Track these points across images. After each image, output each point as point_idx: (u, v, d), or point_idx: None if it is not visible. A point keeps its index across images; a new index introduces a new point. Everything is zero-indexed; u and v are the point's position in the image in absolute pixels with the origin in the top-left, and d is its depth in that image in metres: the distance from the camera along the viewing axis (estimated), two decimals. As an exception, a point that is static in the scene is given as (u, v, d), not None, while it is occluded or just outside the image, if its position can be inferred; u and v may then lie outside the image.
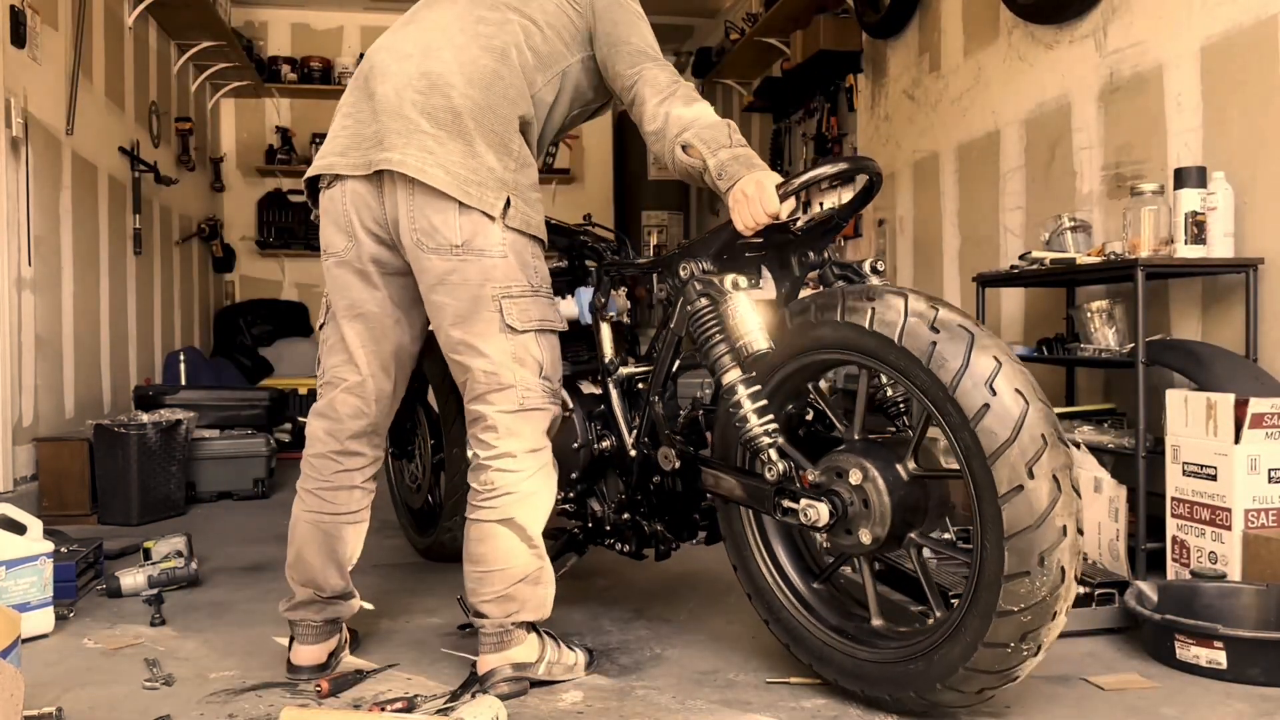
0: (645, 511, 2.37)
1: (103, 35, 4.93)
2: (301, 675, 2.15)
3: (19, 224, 3.85)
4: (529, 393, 2.03)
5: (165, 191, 5.92)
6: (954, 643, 1.75)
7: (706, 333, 2.07)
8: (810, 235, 2.16)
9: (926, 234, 4.75)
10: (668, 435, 2.29)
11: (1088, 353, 3.15)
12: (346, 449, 2.15)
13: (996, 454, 1.67)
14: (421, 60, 2.04)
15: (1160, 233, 2.92)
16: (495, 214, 1.98)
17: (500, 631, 2.04)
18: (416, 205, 1.98)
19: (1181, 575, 2.58)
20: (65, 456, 3.97)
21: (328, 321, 2.17)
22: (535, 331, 2.04)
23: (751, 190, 1.94)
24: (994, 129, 4.14)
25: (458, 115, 1.99)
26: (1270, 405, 2.46)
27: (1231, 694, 1.99)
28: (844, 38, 5.37)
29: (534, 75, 2.09)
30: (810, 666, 2.04)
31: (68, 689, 2.08)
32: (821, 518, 1.90)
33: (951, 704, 1.82)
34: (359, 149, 2.03)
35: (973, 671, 1.74)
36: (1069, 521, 1.67)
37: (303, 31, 7.65)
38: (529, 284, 2.04)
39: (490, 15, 2.10)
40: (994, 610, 1.68)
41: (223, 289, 7.47)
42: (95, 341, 4.77)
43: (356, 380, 2.13)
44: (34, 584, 2.41)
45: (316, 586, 2.15)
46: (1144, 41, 3.28)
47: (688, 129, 2.00)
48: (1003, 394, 1.68)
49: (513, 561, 2.02)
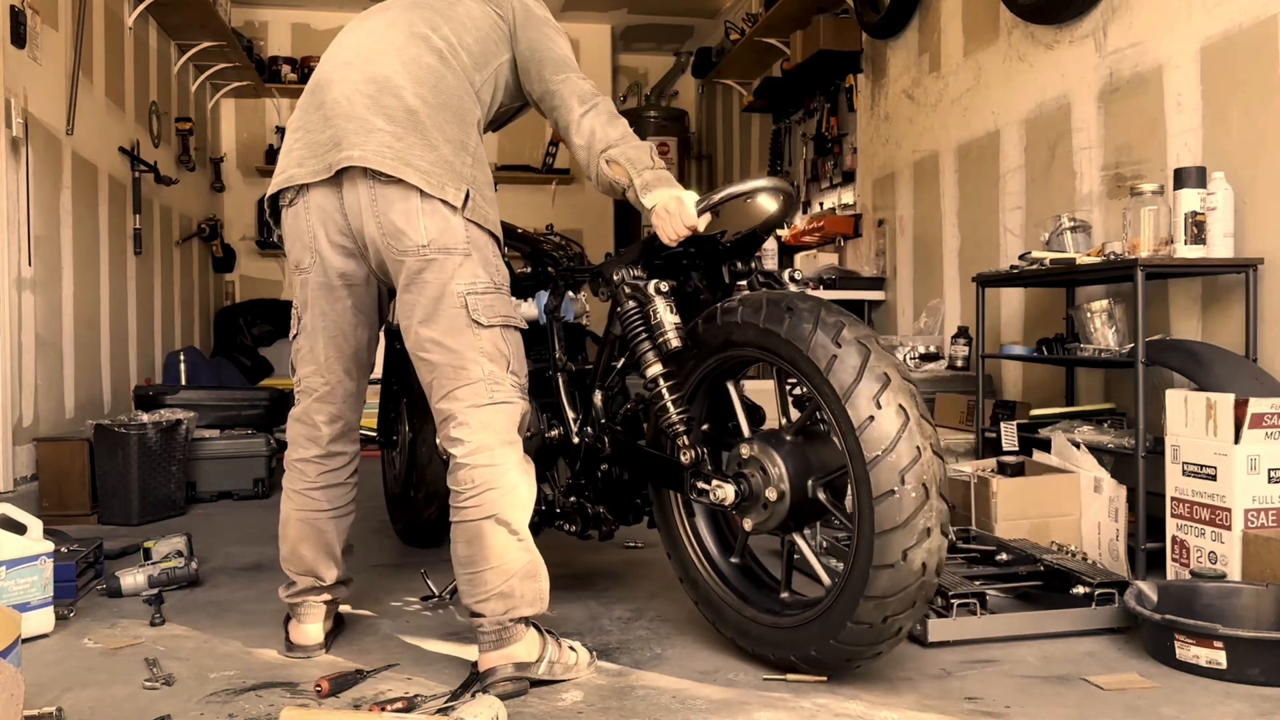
0: (590, 495, 2.57)
1: (103, 35, 4.93)
2: (300, 654, 2.26)
3: (19, 224, 3.85)
4: (497, 386, 2.06)
5: (165, 191, 5.92)
6: (831, 616, 1.98)
7: (633, 331, 2.28)
8: (739, 246, 2.35)
9: (926, 234, 4.75)
10: (603, 425, 2.49)
11: (1088, 353, 3.15)
12: (328, 452, 2.28)
13: (875, 460, 1.87)
14: (363, 66, 2.11)
15: (1160, 233, 2.92)
16: (457, 204, 2.03)
17: (499, 629, 2.04)
18: (380, 207, 2.04)
19: (1181, 575, 2.58)
20: (65, 456, 3.97)
21: (299, 333, 2.26)
22: (500, 327, 2.09)
23: (674, 207, 2.11)
24: (994, 129, 4.14)
25: (413, 113, 2.06)
26: (1270, 405, 2.46)
27: (1231, 694, 1.99)
28: (844, 38, 5.38)
29: (473, 74, 2.19)
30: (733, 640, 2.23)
31: (68, 689, 2.08)
32: (728, 497, 2.11)
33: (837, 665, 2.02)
34: (315, 156, 2.08)
35: (842, 644, 1.96)
36: (933, 525, 1.88)
37: (303, 31, 7.65)
38: (492, 281, 2.10)
39: (424, 19, 2.19)
40: (861, 594, 1.90)
41: (223, 289, 7.48)
42: (95, 341, 4.77)
43: (326, 390, 2.25)
44: (34, 584, 2.41)
45: (316, 576, 2.30)
46: (1144, 41, 3.28)
47: (614, 146, 2.15)
48: (887, 408, 1.88)
49: (504, 558, 2.04)
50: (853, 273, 5.31)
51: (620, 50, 8.54)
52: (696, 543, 2.35)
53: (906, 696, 2.00)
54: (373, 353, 2.32)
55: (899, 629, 1.94)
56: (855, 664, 2.02)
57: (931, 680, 2.09)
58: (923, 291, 4.79)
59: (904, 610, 1.91)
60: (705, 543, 2.35)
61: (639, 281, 2.30)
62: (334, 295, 2.18)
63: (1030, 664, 2.18)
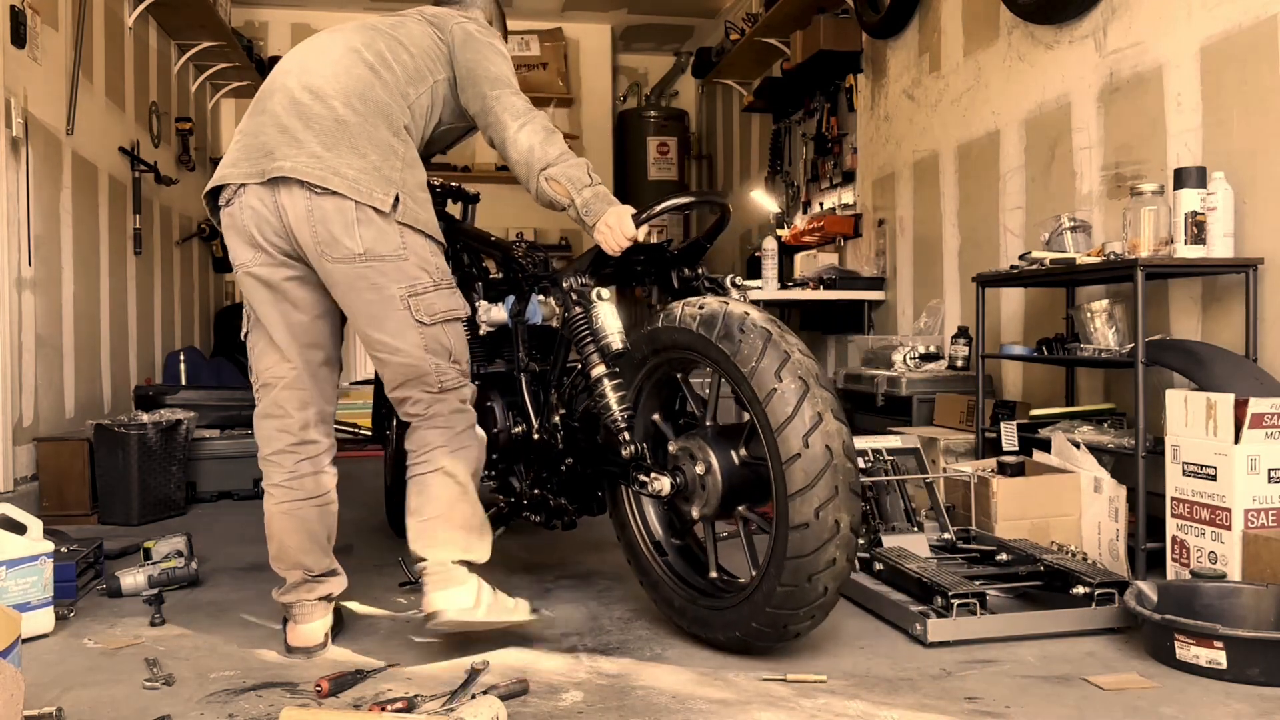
0: (552, 488, 2.73)
1: (103, 35, 4.93)
2: (300, 656, 2.28)
3: (19, 224, 3.85)
4: (445, 376, 2.27)
5: (165, 191, 5.93)
6: (763, 587, 2.11)
7: (579, 334, 2.46)
8: (685, 254, 2.61)
9: (926, 234, 4.75)
10: (557, 422, 2.68)
11: (1088, 353, 3.15)
12: (302, 439, 2.31)
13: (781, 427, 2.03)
14: (301, 75, 2.27)
15: (1160, 233, 2.92)
16: (386, 209, 2.16)
17: (442, 573, 2.22)
18: (315, 216, 2.15)
19: (1181, 575, 2.58)
20: (65, 456, 3.97)
21: (252, 329, 2.34)
22: (442, 322, 2.26)
23: (613, 222, 2.27)
24: (994, 129, 4.14)
25: (341, 122, 2.20)
26: (1270, 405, 2.46)
27: (1231, 694, 1.99)
28: (844, 38, 5.38)
29: (406, 87, 2.32)
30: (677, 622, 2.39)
31: (68, 689, 2.08)
32: (664, 488, 2.29)
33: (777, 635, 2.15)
34: (249, 160, 2.21)
35: (777, 611, 2.09)
36: (841, 483, 2.02)
37: (303, 31, 7.64)
38: (431, 280, 2.24)
39: (364, 37, 2.34)
40: (785, 557, 2.04)
41: (223, 289, 7.47)
42: (95, 341, 4.77)
43: (293, 375, 2.29)
44: (34, 584, 2.42)
45: (305, 568, 2.32)
46: (1144, 41, 3.28)
47: (552, 165, 2.27)
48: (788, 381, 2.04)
49: (450, 508, 2.24)
50: (853, 273, 5.31)
51: (620, 50, 8.54)
52: (645, 531, 2.51)
53: (906, 696, 2.00)
54: (337, 342, 2.38)
55: (824, 588, 2.05)
56: (793, 631, 2.12)
57: (931, 680, 2.09)
58: (923, 291, 4.79)
59: (825, 568, 2.03)
60: (653, 530, 2.51)
61: (585, 288, 2.47)
62: (279, 289, 2.26)
63: (1030, 664, 2.18)
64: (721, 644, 2.24)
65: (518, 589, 2.85)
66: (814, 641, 2.34)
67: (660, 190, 8.13)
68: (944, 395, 4.09)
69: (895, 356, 4.35)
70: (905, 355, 4.32)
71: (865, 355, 4.69)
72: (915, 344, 4.35)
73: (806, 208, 6.26)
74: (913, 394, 4.16)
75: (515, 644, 2.35)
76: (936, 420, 4.07)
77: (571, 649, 2.32)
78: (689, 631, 2.34)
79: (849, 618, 2.54)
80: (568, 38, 8.03)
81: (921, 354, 4.31)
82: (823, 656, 2.24)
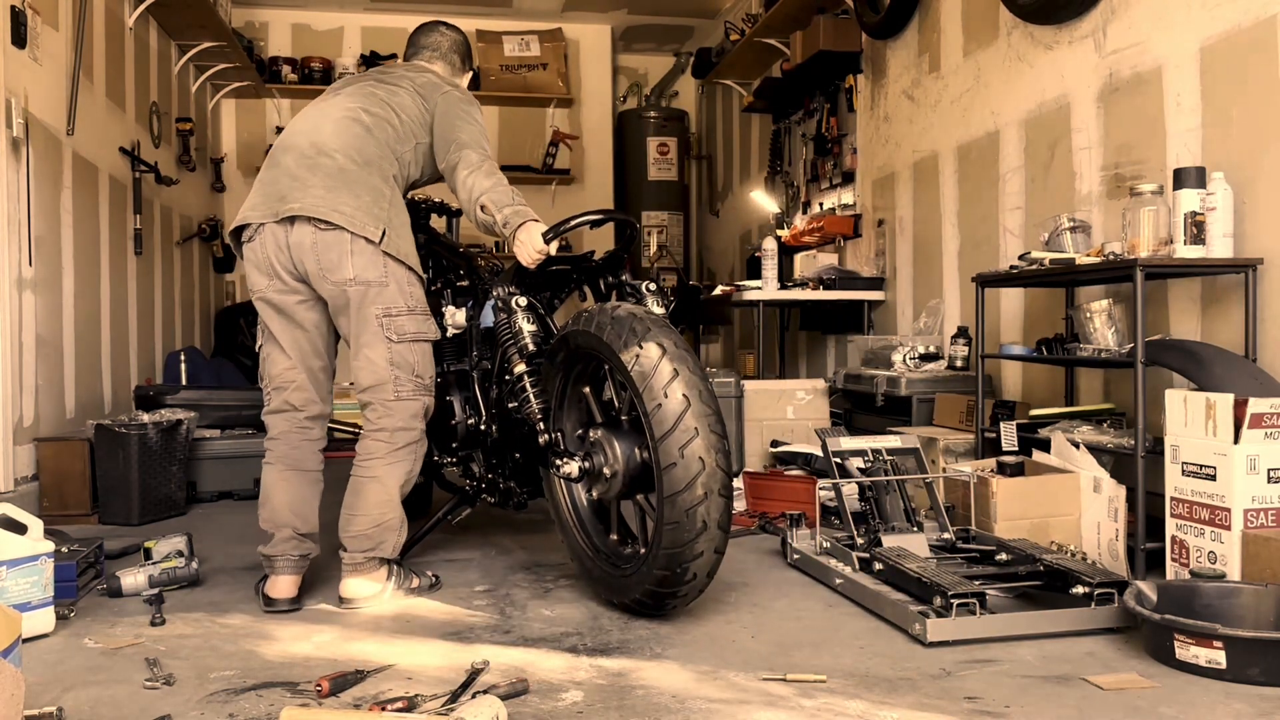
0: (503, 472, 3.08)
1: (103, 36, 4.94)
2: (278, 607, 2.65)
3: (19, 224, 3.85)
4: (402, 387, 2.70)
5: (166, 192, 5.93)
6: (645, 565, 2.42)
7: (504, 337, 2.88)
8: (608, 263, 2.99)
9: (926, 234, 4.75)
10: (492, 415, 3.07)
11: (1087, 353, 3.15)
12: (305, 427, 2.78)
13: (663, 439, 2.28)
14: (310, 134, 2.76)
15: (1159, 233, 2.92)
16: (375, 239, 2.63)
17: (357, 563, 2.67)
18: (320, 246, 2.62)
19: (1181, 575, 2.58)
20: (66, 456, 3.97)
21: (265, 341, 2.79)
22: (410, 342, 2.71)
23: (525, 237, 2.65)
24: (993, 129, 4.15)
25: (341, 171, 2.68)
26: (1269, 405, 2.46)
27: (1231, 694, 1.99)
28: (844, 38, 5.38)
29: (396, 145, 2.79)
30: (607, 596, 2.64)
31: (68, 689, 2.08)
32: (573, 472, 2.59)
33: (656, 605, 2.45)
34: (266, 204, 2.69)
35: (655, 588, 2.39)
36: (712, 489, 2.27)
37: (303, 32, 7.66)
38: (405, 306, 2.70)
39: (362, 103, 2.80)
40: (660, 546, 2.33)
41: (223, 289, 7.47)
42: (96, 341, 4.77)
43: (303, 379, 2.77)
44: (35, 584, 2.42)
45: (293, 527, 2.71)
46: (1143, 42, 3.28)
47: (485, 194, 2.69)
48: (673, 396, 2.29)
49: (376, 511, 2.68)
50: (852, 273, 5.32)
51: (620, 50, 8.54)
52: (572, 511, 2.79)
53: (906, 696, 2.00)
54: (333, 354, 2.86)
55: (693, 574, 2.34)
56: (668, 604, 2.44)
57: (931, 680, 2.09)
58: (922, 291, 4.80)
59: (694, 559, 2.31)
60: (579, 511, 2.78)
61: (509, 296, 2.86)
62: (289, 308, 2.73)
63: (1030, 664, 2.18)
64: (626, 606, 2.54)
65: (518, 588, 2.87)
66: (814, 641, 2.35)
67: (660, 190, 8.14)
68: (944, 395, 4.09)
69: (895, 356, 4.35)
70: (905, 355, 4.33)
71: (865, 355, 4.69)
72: (915, 344, 4.35)
73: (806, 208, 6.26)
74: (912, 394, 4.17)
75: (515, 644, 2.35)
76: (936, 420, 4.08)
77: (571, 649, 2.32)
78: (605, 598, 2.65)
79: (849, 618, 2.54)
80: (568, 38, 8.03)
81: (921, 354, 4.31)
82: (823, 656, 2.25)
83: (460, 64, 3.11)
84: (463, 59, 3.12)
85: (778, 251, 5.25)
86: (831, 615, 2.57)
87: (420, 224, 3.27)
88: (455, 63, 3.09)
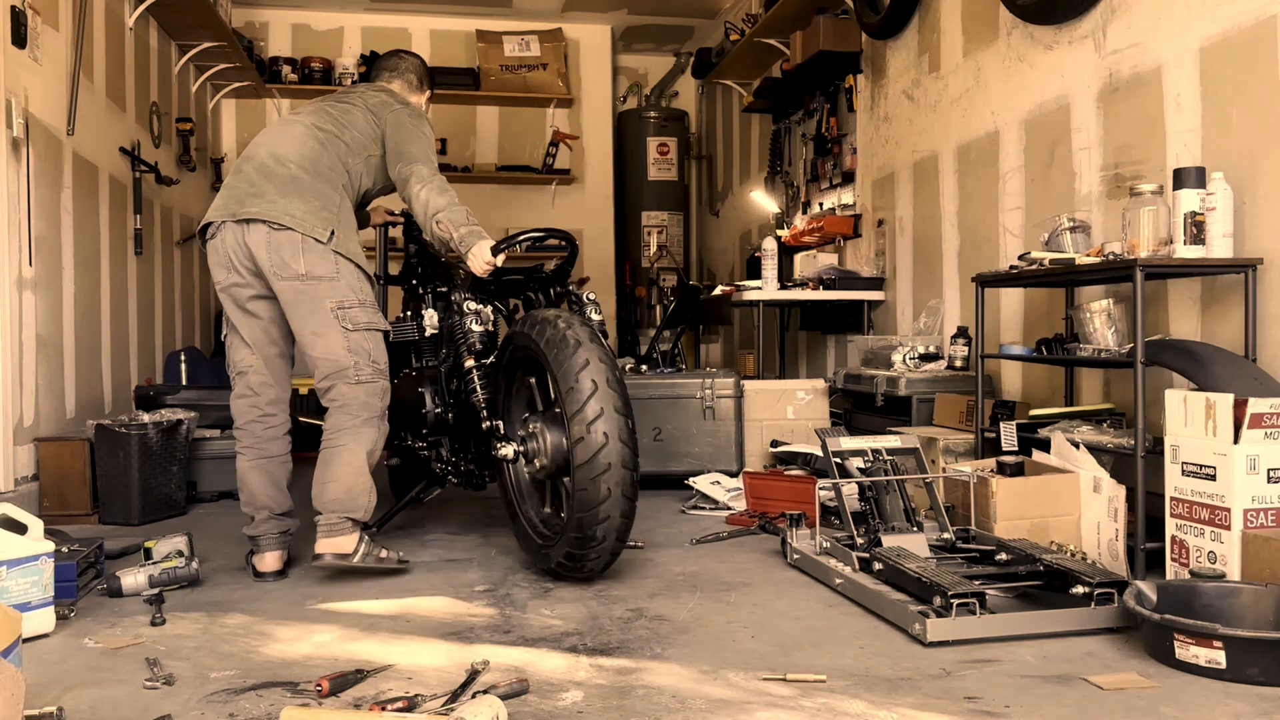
0: (466, 457, 3.47)
1: (103, 36, 4.94)
2: (268, 579, 2.97)
3: (20, 224, 3.85)
4: (360, 371, 2.96)
5: (166, 192, 5.93)
6: (565, 533, 2.77)
7: (457, 336, 3.33)
8: (557, 273, 3.44)
9: (926, 234, 4.75)
10: (450, 404, 3.47)
11: (1087, 353, 3.15)
12: (265, 413, 3.07)
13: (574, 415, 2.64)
14: (270, 146, 3.07)
15: (1159, 233, 2.92)
16: (324, 239, 2.92)
17: (331, 526, 2.90)
18: (272, 245, 2.91)
19: (1180, 575, 2.58)
20: (66, 456, 3.97)
21: (229, 331, 3.09)
22: (364, 330, 2.97)
23: (477, 252, 2.99)
24: (993, 129, 4.15)
25: (295, 179, 2.98)
26: (1269, 405, 2.46)
27: (1231, 694, 1.99)
28: (844, 38, 5.38)
29: (347, 158, 3.11)
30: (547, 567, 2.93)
31: (68, 689, 2.08)
32: (509, 454, 2.99)
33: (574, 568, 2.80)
34: (227, 206, 2.99)
35: (572, 551, 2.74)
36: (614, 461, 2.63)
37: (303, 32, 7.65)
38: (356, 298, 2.97)
39: (318, 121, 3.12)
40: (573, 512, 2.69)
41: (223, 289, 7.46)
42: (96, 341, 4.77)
43: (260, 364, 3.07)
44: (35, 584, 2.42)
45: (269, 508, 3.03)
46: (1143, 42, 3.28)
47: (441, 211, 3.02)
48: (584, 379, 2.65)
49: (346, 476, 2.91)
50: (852, 273, 5.32)
51: (620, 50, 8.54)
52: (516, 491, 3.12)
53: (906, 696, 2.00)
54: (289, 343, 3.11)
55: (602, 536, 2.68)
56: (587, 568, 2.79)
57: (931, 680, 2.09)
58: (922, 291, 4.80)
59: (602, 521, 2.65)
60: (523, 491, 3.12)
61: (461, 301, 3.31)
62: (244, 304, 3.02)
63: (1030, 664, 2.18)
64: (551, 571, 2.88)
65: (518, 588, 2.87)
66: (814, 641, 2.35)
67: (660, 190, 8.14)
68: (943, 395, 4.09)
69: (895, 356, 4.35)
70: (905, 355, 4.33)
71: (865, 355, 4.69)
72: (915, 344, 4.35)
73: (806, 208, 6.26)
74: (912, 394, 4.16)
75: (515, 644, 2.35)
76: (936, 420, 4.08)
77: (571, 649, 2.32)
78: (540, 566, 2.96)
79: (849, 618, 2.54)
80: (568, 38, 8.03)
81: (921, 354, 4.31)
82: (823, 656, 2.25)
83: (417, 83, 3.44)
84: (420, 79, 3.46)
85: (778, 251, 5.25)
86: (831, 615, 2.57)
87: (413, 236, 3.71)
88: (412, 81, 3.43)
